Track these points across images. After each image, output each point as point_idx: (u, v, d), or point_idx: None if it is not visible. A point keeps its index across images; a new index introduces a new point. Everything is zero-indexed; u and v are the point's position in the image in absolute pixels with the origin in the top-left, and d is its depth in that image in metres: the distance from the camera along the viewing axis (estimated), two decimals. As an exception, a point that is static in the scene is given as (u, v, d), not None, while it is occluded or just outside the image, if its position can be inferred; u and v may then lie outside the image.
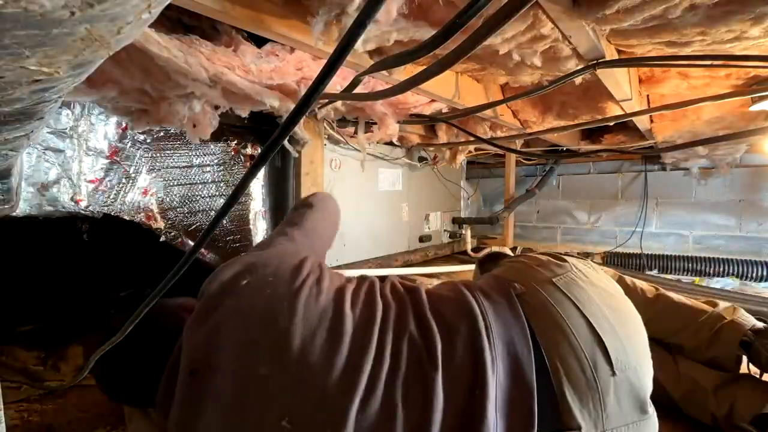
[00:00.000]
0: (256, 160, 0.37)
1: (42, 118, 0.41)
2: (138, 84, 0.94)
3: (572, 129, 1.61)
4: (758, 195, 2.23)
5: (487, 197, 3.28)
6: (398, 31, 0.87)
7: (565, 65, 1.07)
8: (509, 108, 1.68)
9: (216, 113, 1.11)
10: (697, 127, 1.78)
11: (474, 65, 1.24)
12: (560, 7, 0.76)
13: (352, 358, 0.52)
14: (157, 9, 0.28)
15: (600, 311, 0.61)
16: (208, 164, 1.38)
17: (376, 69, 0.82)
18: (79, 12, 0.22)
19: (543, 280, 0.65)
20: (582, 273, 0.67)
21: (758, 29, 0.84)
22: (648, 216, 2.55)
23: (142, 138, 1.20)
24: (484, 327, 0.57)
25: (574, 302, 0.61)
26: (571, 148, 2.27)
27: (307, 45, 0.88)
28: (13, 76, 0.28)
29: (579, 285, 0.64)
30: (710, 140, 1.39)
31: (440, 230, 2.64)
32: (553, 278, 0.65)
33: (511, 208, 2.59)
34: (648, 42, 0.95)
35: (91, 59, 0.30)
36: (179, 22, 0.97)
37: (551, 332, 0.59)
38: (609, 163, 2.71)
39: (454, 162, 2.32)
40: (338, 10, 0.74)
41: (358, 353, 0.53)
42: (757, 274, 2.14)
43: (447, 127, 1.96)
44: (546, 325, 0.60)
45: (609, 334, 0.59)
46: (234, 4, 0.73)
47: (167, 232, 1.28)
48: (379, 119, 1.49)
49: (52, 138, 1.03)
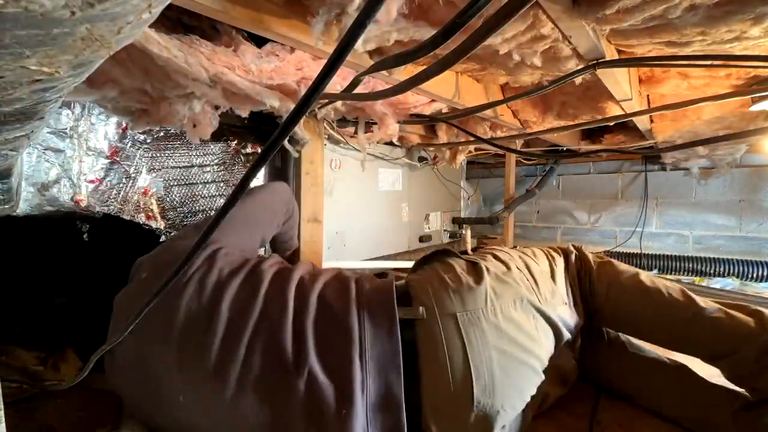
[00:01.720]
0: (256, 160, 0.37)
1: (42, 118, 0.41)
2: (138, 84, 0.94)
3: (572, 129, 1.61)
4: (758, 195, 2.22)
5: (487, 197, 3.28)
6: (398, 31, 0.86)
7: (565, 65, 1.07)
8: (509, 108, 1.68)
9: (216, 113, 1.11)
10: (697, 127, 1.78)
11: (474, 65, 1.24)
12: (560, 7, 0.76)
13: (221, 358, 0.58)
14: (157, 9, 0.28)
15: (487, 355, 0.64)
16: (208, 164, 1.38)
17: (376, 69, 0.82)
18: (79, 12, 0.22)
19: (446, 313, 0.66)
20: (494, 308, 0.67)
21: (758, 29, 0.84)
22: (648, 216, 2.55)
23: (142, 138, 1.20)
24: (359, 350, 0.60)
25: (464, 343, 0.63)
26: (571, 148, 2.27)
27: (307, 45, 0.88)
28: (14, 75, 0.28)
29: (480, 326, 0.65)
30: (710, 140, 1.39)
31: (440, 230, 2.64)
32: (458, 313, 0.65)
33: (511, 208, 2.59)
34: (648, 42, 0.95)
35: (91, 59, 0.30)
36: (179, 22, 0.97)
37: (431, 363, 0.63)
38: (609, 163, 2.70)
39: (454, 162, 2.31)
40: (338, 10, 0.74)
41: (225, 356, 0.58)
42: (758, 275, 2.14)
43: (447, 127, 1.95)
44: (429, 356, 0.63)
45: (482, 379, 0.63)
46: (234, 4, 0.73)
47: (167, 232, 1.28)
48: (379, 119, 1.49)
49: (52, 138, 1.03)
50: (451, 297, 0.67)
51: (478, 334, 0.64)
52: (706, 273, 2.26)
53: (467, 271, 0.73)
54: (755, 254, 2.22)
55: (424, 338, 0.64)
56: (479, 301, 0.67)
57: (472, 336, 0.63)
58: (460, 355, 0.62)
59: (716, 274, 2.24)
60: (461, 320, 0.65)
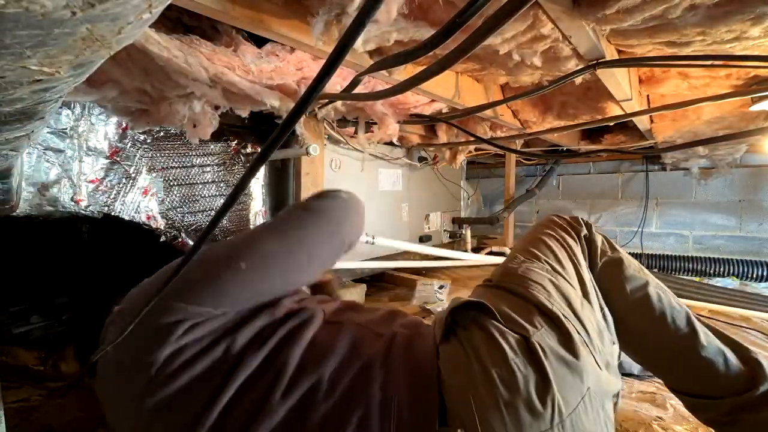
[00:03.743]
0: (256, 160, 0.37)
1: (42, 118, 0.41)
2: (138, 84, 0.94)
3: (572, 129, 1.61)
4: (758, 195, 2.23)
5: (487, 197, 3.28)
6: (398, 31, 0.87)
7: (565, 65, 1.07)
8: (509, 108, 1.68)
9: (216, 113, 1.11)
10: (697, 127, 1.78)
11: (474, 65, 1.24)
12: (560, 7, 0.76)
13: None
14: (157, 9, 0.28)
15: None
16: (208, 164, 1.38)
17: (375, 69, 0.82)
18: (80, 12, 0.22)
19: (490, 406, 0.48)
20: (562, 426, 0.48)
21: (758, 29, 0.84)
22: (648, 216, 2.56)
23: (142, 138, 1.20)
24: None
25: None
26: (571, 148, 2.27)
27: (307, 45, 0.88)
28: (14, 76, 0.28)
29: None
30: (710, 140, 1.39)
31: (440, 230, 2.64)
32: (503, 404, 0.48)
33: (511, 208, 2.59)
34: (648, 42, 0.95)
35: (91, 59, 0.30)
36: (179, 22, 0.97)
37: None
38: (609, 163, 2.71)
39: (454, 162, 2.32)
40: (338, 10, 0.74)
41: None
42: (757, 274, 2.14)
43: (447, 127, 1.96)
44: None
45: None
46: (234, 4, 0.73)
47: (167, 232, 1.28)
48: (379, 119, 1.49)
49: (53, 138, 1.03)
50: (503, 417, 0.47)
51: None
52: (706, 273, 2.26)
53: (522, 355, 0.52)
54: (755, 254, 2.22)
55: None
56: (544, 420, 0.48)
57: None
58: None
59: (716, 274, 2.24)
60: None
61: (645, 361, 0.78)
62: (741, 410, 0.63)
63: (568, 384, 0.50)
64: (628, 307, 0.72)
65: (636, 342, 0.74)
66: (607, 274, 0.76)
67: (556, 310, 0.58)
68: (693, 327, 0.70)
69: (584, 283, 0.71)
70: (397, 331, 0.59)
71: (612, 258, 0.77)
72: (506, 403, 0.48)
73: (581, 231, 0.81)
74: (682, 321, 0.70)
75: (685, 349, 0.69)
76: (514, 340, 0.54)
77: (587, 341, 0.57)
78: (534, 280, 0.64)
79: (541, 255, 0.72)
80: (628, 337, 0.72)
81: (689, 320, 0.71)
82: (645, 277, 0.75)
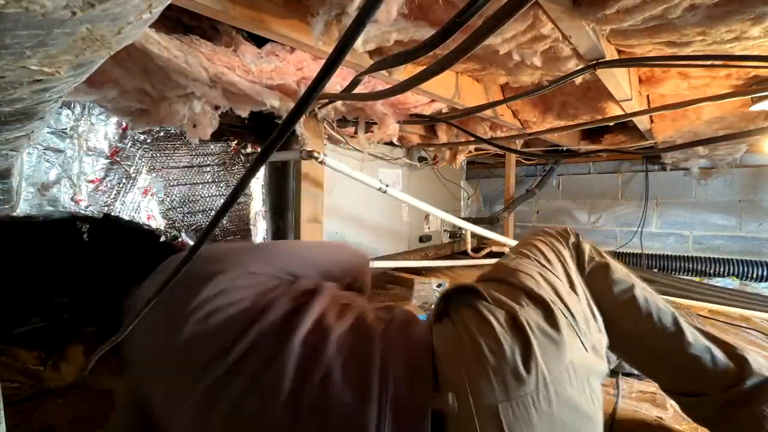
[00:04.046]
0: (256, 160, 0.37)
1: (42, 118, 0.41)
2: (138, 84, 0.94)
3: (572, 129, 1.61)
4: (758, 195, 2.23)
5: (487, 197, 3.28)
6: (398, 31, 0.87)
7: (565, 65, 1.07)
8: (509, 108, 1.68)
9: (216, 113, 1.11)
10: (697, 127, 1.78)
11: (474, 65, 1.24)
12: (560, 7, 0.76)
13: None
14: (157, 9, 0.28)
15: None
16: (208, 164, 1.39)
17: (375, 69, 0.82)
18: (80, 12, 0.22)
19: (485, 404, 0.50)
20: (546, 390, 0.51)
21: (758, 29, 0.84)
22: (648, 216, 2.56)
23: (142, 138, 1.20)
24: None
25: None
26: (571, 148, 2.27)
27: (307, 45, 0.88)
28: (14, 76, 0.28)
29: (529, 419, 0.50)
30: (710, 140, 1.39)
31: (440, 230, 2.64)
32: (499, 404, 0.50)
33: (511, 208, 2.59)
34: (648, 42, 0.95)
35: (91, 59, 0.30)
36: (179, 22, 0.97)
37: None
38: (609, 163, 2.71)
39: (454, 162, 2.32)
40: (338, 10, 0.74)
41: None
42: (757, 274, 2.14)
43: (447, 127, 1.96)
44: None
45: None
46: (234, 4, 0.73)
47: (167, 232, 1.28)
48: (379, 119, 1.49)
49: (53, 138, 1.03)
50: (491, 381, 0.51)
51: (525, 428, 0.49)
52: (706, 273, 2.26)
53: (508, 328, 0.56)
54: (755, 254, 2.22)
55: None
56: (529, 384, 0.51)
57: (517, 430, 0.49)
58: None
59: (716, 274, 2.24)
60: (504, 415, 0.49)
61: (636, 363, 0.81)
62: (731, 405, 0.66)
63: (550, 354, 0.54)
64: (616, 309, 0.76)
65: (626, 343, 0.77)
66: (595, 278, 0.79)
67: (543, 294, 0.62)
68: (679, 326, 0.73)
69: (572, 280, 0.74)
70: (396, 314, 0.65)
71: (599, 263, 0.81)
72: (494, 369, 0.52)
73: (570, 239, 0.85)
74: (669, 320, 0.74)
75: (672, 347, 0.72)
76: (502, 316, 0.58)
77: (573, 324, 0.60)
78: (523, 271, 0.68)
79: (531, 254, 0.77)
80: (618, 338, 0.74)
81: (675, 320, 0.74)
82: (631, 281, 0.79)
